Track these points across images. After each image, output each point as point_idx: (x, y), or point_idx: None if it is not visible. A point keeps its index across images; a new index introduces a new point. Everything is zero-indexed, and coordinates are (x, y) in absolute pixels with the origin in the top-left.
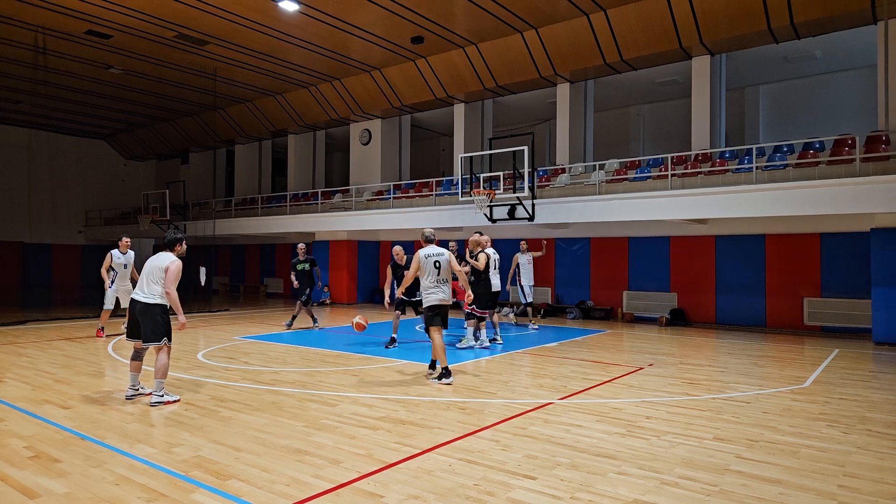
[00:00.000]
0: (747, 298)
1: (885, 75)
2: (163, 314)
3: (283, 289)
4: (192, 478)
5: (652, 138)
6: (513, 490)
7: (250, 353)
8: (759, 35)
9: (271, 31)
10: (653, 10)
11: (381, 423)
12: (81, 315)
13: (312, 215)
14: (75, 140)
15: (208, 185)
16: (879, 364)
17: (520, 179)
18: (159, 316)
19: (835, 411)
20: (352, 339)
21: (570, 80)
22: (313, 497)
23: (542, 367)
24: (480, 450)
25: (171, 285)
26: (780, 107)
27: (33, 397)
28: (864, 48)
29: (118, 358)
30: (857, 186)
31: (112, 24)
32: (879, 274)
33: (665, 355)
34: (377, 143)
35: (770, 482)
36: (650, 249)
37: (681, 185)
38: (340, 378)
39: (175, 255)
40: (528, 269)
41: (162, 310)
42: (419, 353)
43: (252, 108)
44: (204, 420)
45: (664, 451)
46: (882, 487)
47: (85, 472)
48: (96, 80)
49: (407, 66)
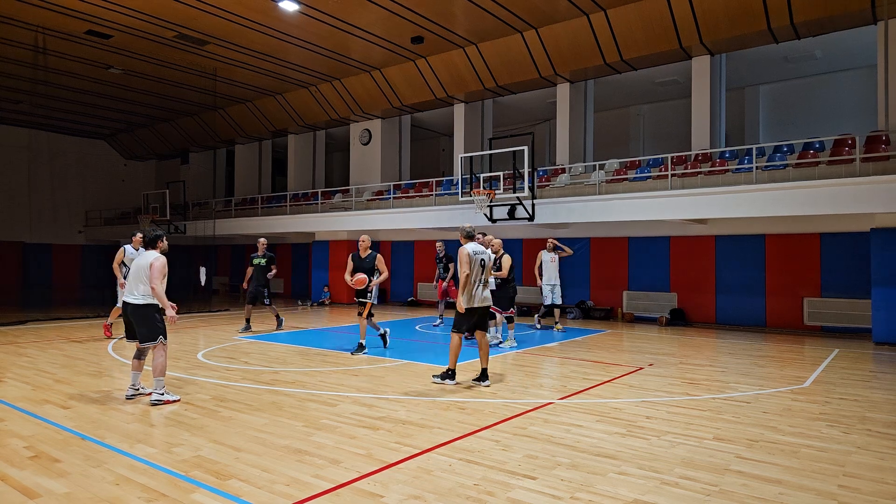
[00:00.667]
0: (747, 298)
1: (885, 75)
2: (156, 313)
3: (284, 289)
4: (192, 478)
5: (652, 138)
6: (513, 490)
7: (250, 353)
8: (759, 35)
9: (271, 31)
10: (653, 10)
11: (381, 423)
12: (81, 315)
13: (312, 215)
14: (75, 140)
15: (208, 185)
16: (879, 364)
17: (520, 179)
18: (152, 315)
19: (835, 411)
20: (352, 339)
21: (570, 80)
22: (313, 497)
23: (542, 367)
24: (480, 450)
25: (155, 281)
26: (780, 107)
27: (33, 397)
28: (864, 48)
29: (118, 358)
30: (857, 186)
31: (112, 24)
32: (879, 274)
33: (665, 355)
34: (377, 143)
35: (770, 482)
36: (650, 249)
37: (681, 185)
38: (340, 378)
39: (158, 252)
40: (550, 267)
41: (154, 309)
42: (419, 353)
43: (252, 108)
44: (204, 420)
45: (664, 451)
46: (882, 487)
47: (85, 472)
48: (96, 80)
49: (407, 66)
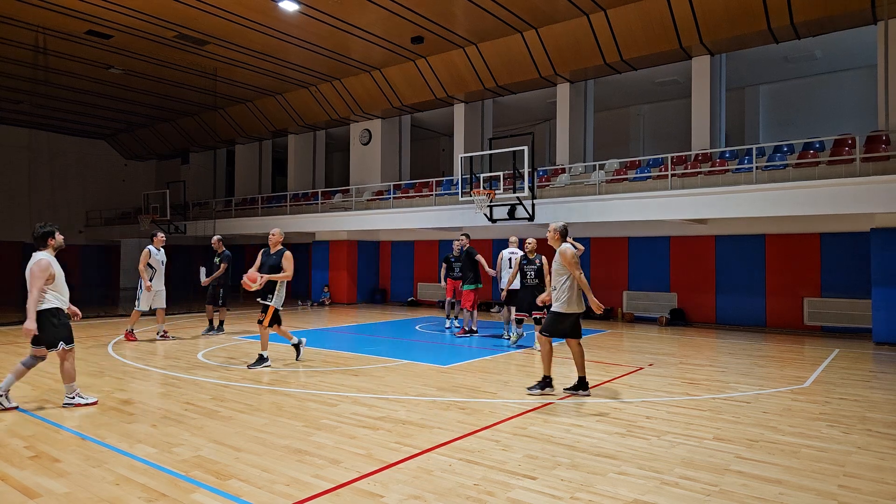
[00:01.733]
0: (747, 298)
1: (885, 75)
2: (53, 317)
3: None
4: (192, 478)
5: (652, 138)
6: (513, 490)
7: (250, 353)
8: (759, 35)
9: (271, 31)
10: (653, 10)
11: (381, 423)
12: (81, 315)
13: (312, 215)
14: (75, 140)
15: (208, 185)
16: (879, 364)
17: (520, 179)
18: (48, 321)
19: (835, 411)
20: (352, 339)
21: (570, 80)
22: (313, 497)
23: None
24: (480, 450)
25: (33, 285)
26: (780, 107)
27: (33, 397)
28: (864, 48)
29: (118, 358)
30: (857, 186)
31: (112, 24)
32: (879, 274)
33: (665, 355)
34: (377, 143)
35: (770, 482)
36: (650, 249)
37: (681, 185)
38: (340, 378)
39: (48, 252)
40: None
41: (51, 314)
42: (419, 353)
43: (252, 108)
44: (204, 420)
45: (664, 451)
46: (882, 487)
47: (85, 472)
48: (96, 80)
49: (407, 66)
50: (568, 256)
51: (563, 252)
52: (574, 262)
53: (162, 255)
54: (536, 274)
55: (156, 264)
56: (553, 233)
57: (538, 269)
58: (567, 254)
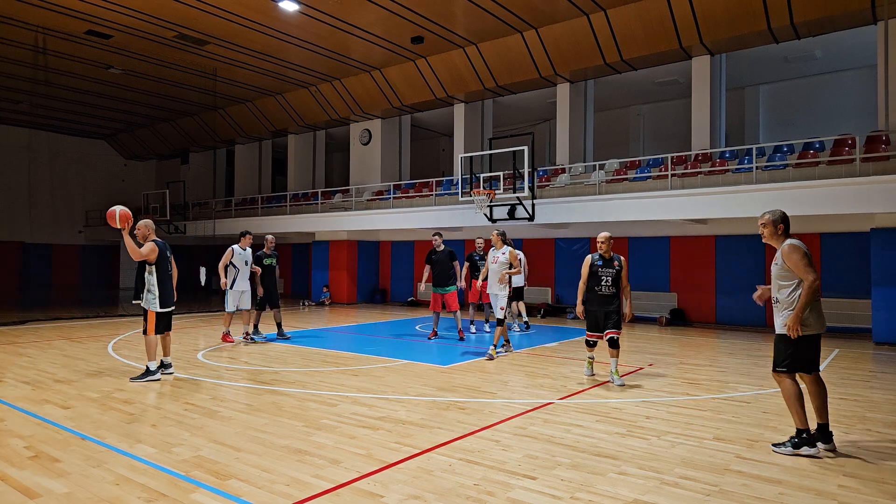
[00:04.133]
0: (747, 298)
1: (885, 75)
2: None
3: (284, 288)
4: (192, 478)
5: (652, 138)
6: (513, 490)
7: (250, 353)
8: (759, 35)
9: (271, 31)
10: (653, 10)
11: (381, 423)
12: (81, 315)
13: (312, 215)
14: (75, 140)
15: (208, 185)
16: (879, 364)
17: (520, 179)
18: None
19: (835, 411)
20: (352, 339)
21: (570, 80)
22: (313, 497)
23: (542, 367)
24: (480, 450)
25: None
26: (780, 107)
27: (33, 397)
28: (864, 48)
29: (118, 358)
30: (857, 186)
31: (112, 24)
32: (879, 274)
33: (665, 355)
34: (377, 143)
35: (770, 482)
36: (650, 249)
37: (681, 185)
38: (340, 378)
39: None
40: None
41: None
42: (419, 353)
43: (252, 108)
44: (204, 420)
45: (664, 451)
46: (882, 487)
47: (85, 472)
48: (96, 80)
49: (407, 66)
50: (795, 258)
51: (792, 251)
52: (804, 262)
53: (248, 254)
54: (614, 281)
55: (240, 264)
56: (770, 226)
57: (616, 275)
58: (797, 252)
